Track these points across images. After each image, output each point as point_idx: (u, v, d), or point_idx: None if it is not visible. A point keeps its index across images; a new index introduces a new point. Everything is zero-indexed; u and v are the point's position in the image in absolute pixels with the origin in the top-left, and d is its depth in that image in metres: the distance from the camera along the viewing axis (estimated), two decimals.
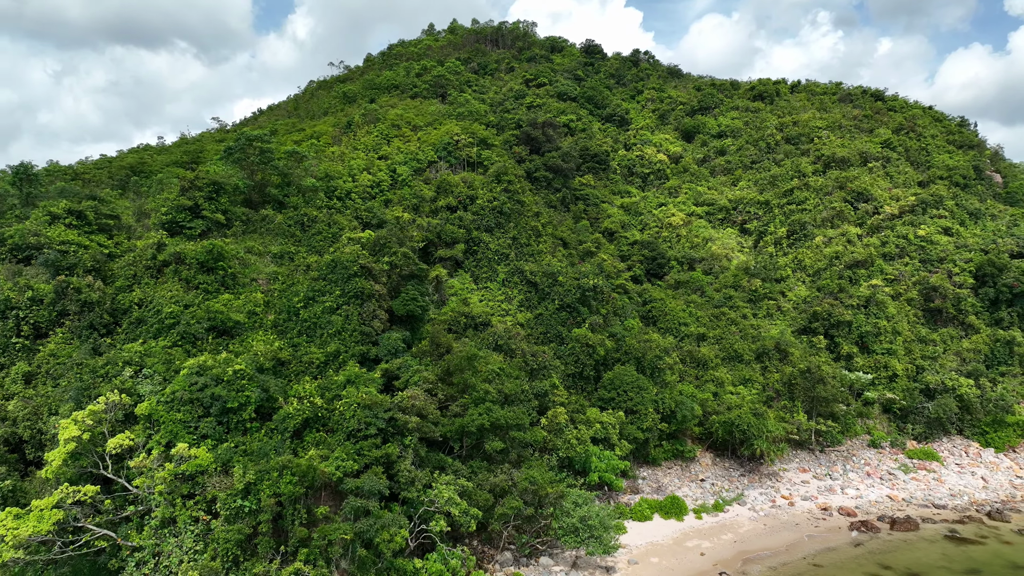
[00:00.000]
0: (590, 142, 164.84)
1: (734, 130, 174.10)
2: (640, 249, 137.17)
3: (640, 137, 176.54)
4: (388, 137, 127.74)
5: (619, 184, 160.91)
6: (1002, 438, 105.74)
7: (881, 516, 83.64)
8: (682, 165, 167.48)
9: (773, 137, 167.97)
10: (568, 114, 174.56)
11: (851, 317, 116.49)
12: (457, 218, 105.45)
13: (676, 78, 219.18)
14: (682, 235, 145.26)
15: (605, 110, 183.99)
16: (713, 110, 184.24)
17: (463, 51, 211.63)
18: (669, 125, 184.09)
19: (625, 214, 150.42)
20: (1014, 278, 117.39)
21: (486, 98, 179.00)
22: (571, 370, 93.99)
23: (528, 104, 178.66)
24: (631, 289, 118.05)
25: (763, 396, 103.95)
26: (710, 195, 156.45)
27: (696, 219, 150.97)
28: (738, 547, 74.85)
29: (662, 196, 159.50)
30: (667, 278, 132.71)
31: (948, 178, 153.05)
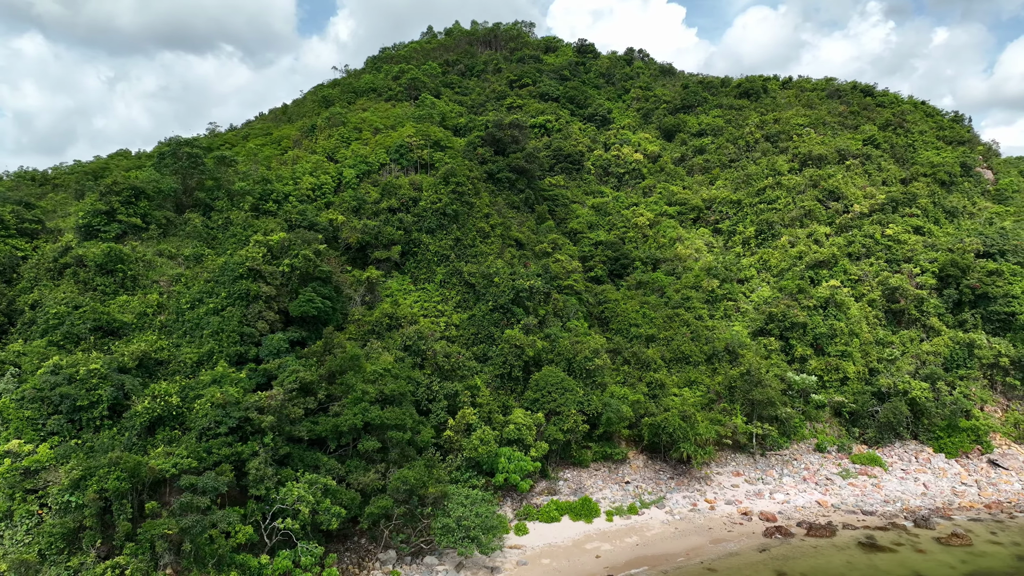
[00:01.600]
0: (565, 142, 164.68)
1: (715, 128, 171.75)
2: (603, 250, 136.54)
3: (620, 136, 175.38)
4: (348, 140, 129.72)
5: (592, 184, 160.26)
6: (955, 443, 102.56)
7: (801, 522, 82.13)
8: (659, 164, 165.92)
9: (753, 135, 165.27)
10: (547, 114, 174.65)
11: (806, 319, 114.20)
12: (397, 220, 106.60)
13: (669, 76, 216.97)
14: (649, 235, 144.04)
15: (587, 110, 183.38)
16: (695, 108, 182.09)
17: (453, 53, 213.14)
18: (652, 124, 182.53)
19: (595, 214, 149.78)
20: (977, 279, 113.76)
21: (468, 100, 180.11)
22: (499, 371, 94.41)
23: (508, 105, 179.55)
24: (583, 290, 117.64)
25: (706, 399, 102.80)
26: (683, 195, 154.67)
27: (666, 219, 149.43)
28: (639, 551, 74.36)
29: (636, 196, 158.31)
30: (628, 279, 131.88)
31: (932, 175, 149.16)
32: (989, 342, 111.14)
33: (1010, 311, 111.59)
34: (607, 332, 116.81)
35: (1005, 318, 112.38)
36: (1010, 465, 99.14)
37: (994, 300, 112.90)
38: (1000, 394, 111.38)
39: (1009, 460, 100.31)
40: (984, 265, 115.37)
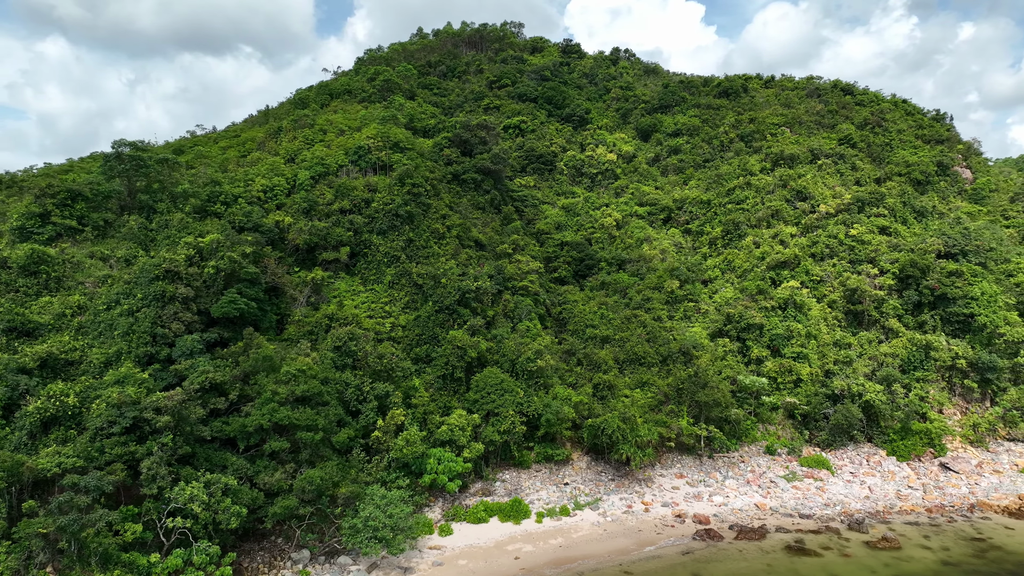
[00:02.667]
0: (538, 143, 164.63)
1: (691, 128, 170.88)
2: (568, 250, 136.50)
3: (597, 137, 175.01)
4: (312, 142, 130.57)
5: (564, 185, 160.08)
6: (907, 446, 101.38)
7: (734, 525, 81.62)
8: (633, 165, 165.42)
9: (727, 135, 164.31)
10: (523, 115, 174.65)
11: (763, 320, 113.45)
12: (348, 221, 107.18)
13: (653, 76, 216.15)
14: (616, 236, 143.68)
15: (565, 110, 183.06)
16: (673, 108, 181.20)
17: (437, 54, 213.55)
18: (630, 124, 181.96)
19: (564, 215, 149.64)
20: (936, 280, 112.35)
21: (445, 101, 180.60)
22: (441, 372, 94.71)
23: (485, 106, 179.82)
24: (540, 290, 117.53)
25: (656, 400, 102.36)
26: (654, 195, 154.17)
27: (636, 219, 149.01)
28: (561, 552, 74.29)
29: (607, 196, 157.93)
30: (590, 279, 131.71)
31: (906, 174, 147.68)
32: (948, 344, 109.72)
33: (969, 312, 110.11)
34: (563, 333, 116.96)
35: (964, 319, 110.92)
36: (960, 469, 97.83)
37: (953, 301, 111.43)
38: (959, 396, 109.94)
39: (960, 464, 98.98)
40: (944, 266, 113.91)
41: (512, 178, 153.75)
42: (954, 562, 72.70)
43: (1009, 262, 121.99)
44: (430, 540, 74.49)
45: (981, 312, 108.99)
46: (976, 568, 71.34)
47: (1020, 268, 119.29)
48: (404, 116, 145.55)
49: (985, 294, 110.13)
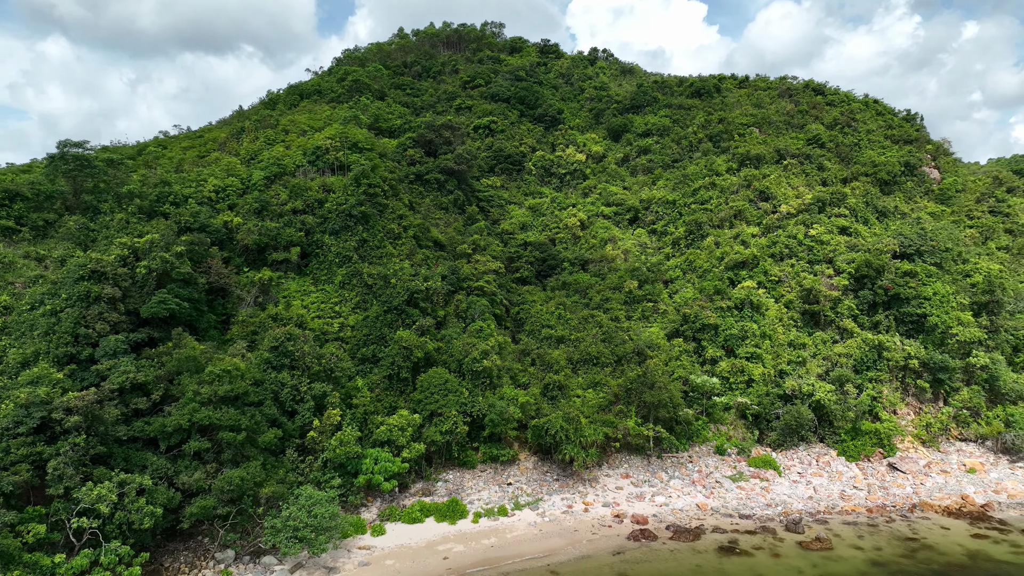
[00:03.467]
0: (507, 143, 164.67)
1: (661, 128, 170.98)
2: (531, 250, 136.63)
3: (568, 137, 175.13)
4: (273, 142, 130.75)
5: (532, 185, 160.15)
6: (857, 447, 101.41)
7: (671, 525, 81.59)
8: (602, 165, 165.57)
9: (696, 135, 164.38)
10: (494, 115, 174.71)
11: (718, 320, 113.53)
12: (300, 221, 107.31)
13: (629, 76, 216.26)
14: (580, 236, 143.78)
15: (537, 110, 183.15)
16: (644, 108, 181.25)
17: (413, 54, 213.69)
18: (602, 125, 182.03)
19: (530, 215, 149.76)
20: (890, 280, 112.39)
21: (418, 101, 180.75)
22: (388, 372, 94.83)
23: (457, 106, 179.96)
24: (496, 290, 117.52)
25: (607, 400, 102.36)
26: (621, 195, 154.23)
27: (601, 219, 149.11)
28: (491, 552, 74.29)
29: (575, 197, 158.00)
30: (551, 279, 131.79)
31: (872, 175, 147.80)
32: (901, 344, 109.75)
33: (921, 313, 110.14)
34: (520, 333, 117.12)
35: (917, 320, 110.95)
36: (908, 469, 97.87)
37: (907, 302, 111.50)
38: (912, 397, 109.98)
39: (908, 464, 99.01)
40: (899, 266, 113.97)
41: (479, 178, 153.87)
42: (882, 562, 72.70)
43: (967, 262, 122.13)
44: (361, 540, 74.54)
45: (933, 312, 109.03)
46: (903, 568, 71.34)
47: (977, 268, 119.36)
48: (368, 116, 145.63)
49: (938, 294, 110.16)
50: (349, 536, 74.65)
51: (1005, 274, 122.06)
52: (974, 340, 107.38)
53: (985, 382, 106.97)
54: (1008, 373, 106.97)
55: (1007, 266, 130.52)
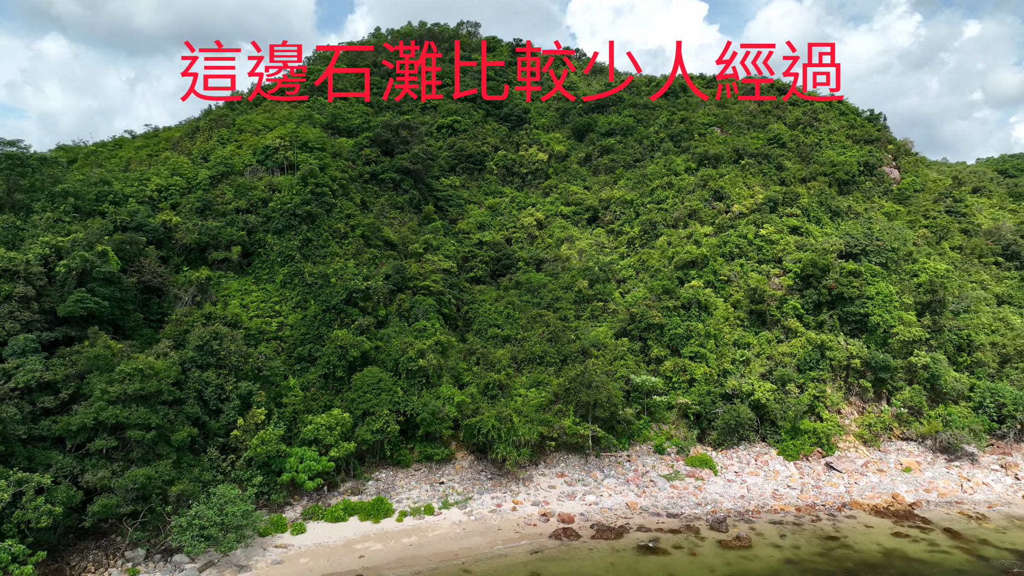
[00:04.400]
0: (469, 143, 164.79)
1: (625, 128, 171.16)
2: (487, 250, 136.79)
3: (533, 136, 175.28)
4: (226, 141, 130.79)
5: (493, 185, 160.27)
6: (796, 446, 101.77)
7: (596, 524, 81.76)
8: (564, 164, 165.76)
9: (658, 135, 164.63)
10: (458, 115, 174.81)
11: (664, 320, 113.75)
12: (242, 220, 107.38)
13: (601, 75, 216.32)
14: (537, 236, 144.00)
15: (503, 110, 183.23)
16: (609, 108, 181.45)
17: (383, 53, 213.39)
18: (568, 124, 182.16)
19: (489, 215, 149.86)
20: (834, 280, 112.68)
21: (384, 100, 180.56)
22: (323, 371, 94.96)
23: (421, 105, 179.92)
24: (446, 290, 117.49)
25: (549, 399, 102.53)
26: (581, 195, 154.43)
27: (559, 219, 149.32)
28: (409, 551, 74.42)
29: (536, 196, 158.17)
30: (503, 279, 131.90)
31: (831, 174, 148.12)
32: (845, 343, 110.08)
33: (864, 312, 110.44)
34: (469, 332, 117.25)
35: (860, 319, 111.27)
36: (844, 468, 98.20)
37: (850, 301, 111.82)
38: (856, 396, 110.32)
39: (845, 463, 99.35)
40: (844, 266, 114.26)
41: (439, 178, 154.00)
42: (796, 560, 73.02)
43: (916, 262, 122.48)
44: (280, 539, 74.64)
45: (875, 312, 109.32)
46: (816, 566, 71.66)
47: (924, 268, 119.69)
48: (325, 116, 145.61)
49: (880, 294, 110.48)
50: (268, 535, 74.85)
51: (952, 274, 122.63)
52: (916, 339, 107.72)
53: (927, 381, 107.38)
54: (950, 372, 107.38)
55: (959, 266, 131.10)
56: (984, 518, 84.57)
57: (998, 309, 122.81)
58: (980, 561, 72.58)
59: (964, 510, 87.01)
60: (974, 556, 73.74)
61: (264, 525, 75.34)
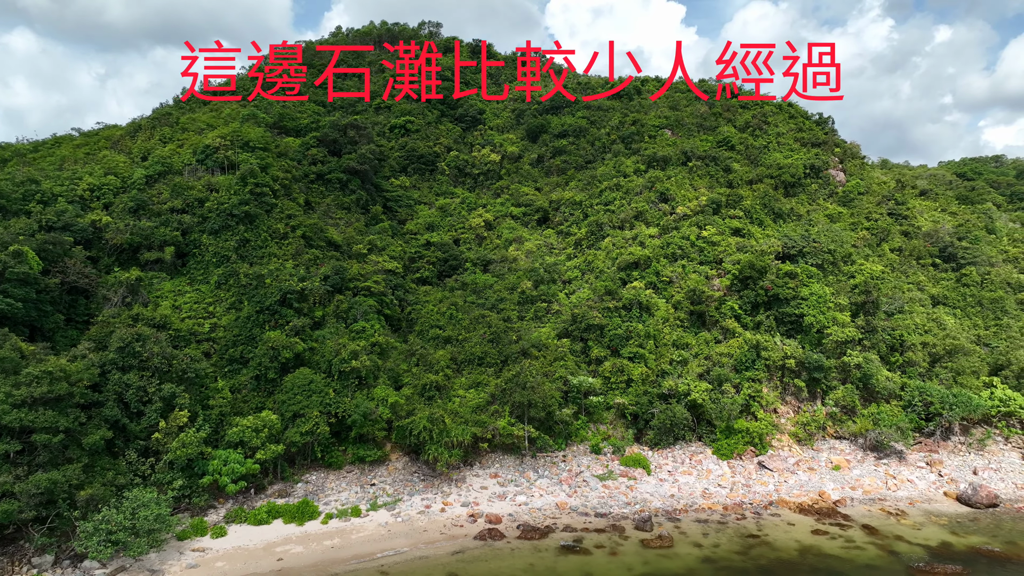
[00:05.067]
0: (421, 143, 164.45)
1: (577, 129, 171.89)
2: (434, 251, 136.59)
3: (487, 137, 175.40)
4: (167, 140, 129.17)
5: (445, 185, 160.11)
6: (730, 445, 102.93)
7: (522, 524, 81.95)
8: (516, 165, 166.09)
9: (609, 136, 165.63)
10: (412, 115, 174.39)
11: (605, 321, 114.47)
12: (177, 221, 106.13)
13: (559, 76, 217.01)
14: (486, 236, 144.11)
15: (458, 110, 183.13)
16: (563, 109, 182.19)
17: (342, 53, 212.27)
18: (523, 125, 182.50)
19: (439, 215, 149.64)
20: (770, 281, 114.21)
21: (340, 100, 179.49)
22: (255, 372, 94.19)
23: (376, 105, 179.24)
24: (388, 291, 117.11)
25: (486, 400, 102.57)
26: (531, 196, 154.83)
27: (509, 220, 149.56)
28: (330, 554, 74.02)
29: (487, 197, 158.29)
30: (449, 280, 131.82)
31: (777, 177, 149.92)
32: (780, 344, 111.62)
33: (799, 313, 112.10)
34: (411, 334, 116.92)
35: (795, 320, 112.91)
36: (775, 467, 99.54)
37: (786, 302, 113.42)
38: (791, 395, 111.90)
39: (776, 462, 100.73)
40: (780, 267, 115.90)
41: (389, 178, 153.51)
42: (714, 559, 73.84)
43: (853, 263, 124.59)
44: (199, 542, 73.89)
45: (809, 313, 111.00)
46: (731, 564, 72.52)
47: (861, 270, 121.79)
48: (272, 115, 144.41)
49: (814, 295, 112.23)
50: (187, 538, 74.12)
51: (888, 275, 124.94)
52: (849, 340, 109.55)
53: (860, 381, 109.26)
54: (882, 372, 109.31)
55: (897, 267, 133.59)
56: (903, 514, 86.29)
57: (933, 310, 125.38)
58: (891, 557, 74.04)
59: (885, 507, 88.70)
60: (886, 552, 75.19)
61: (183, 529, 74.66)
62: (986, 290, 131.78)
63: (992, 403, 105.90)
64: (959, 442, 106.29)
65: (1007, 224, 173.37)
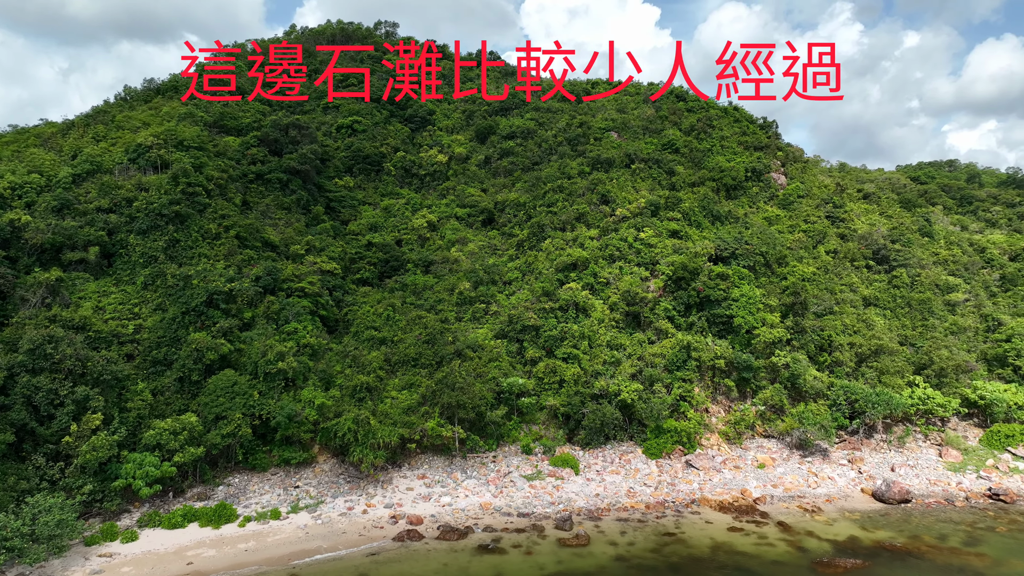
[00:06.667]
0: (367, 144, 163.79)
1: (525, 131, 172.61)
2: (375, 251, 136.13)
3: (436, 138, 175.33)
4: (101, 138, 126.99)
5: (391, 186, 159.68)
6: (659, 444, 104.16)
7: (443, 525, 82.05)
8: (464, 166, 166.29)
9: (556, 138, 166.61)
10: (360, 115, 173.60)
11: (540, 322, 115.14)
12: (103, 220, 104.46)
13: (511, 79, 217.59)
14: (428, 237, 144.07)
15: (407, 111, 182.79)
16: (512, 111, 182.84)
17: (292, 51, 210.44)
18: (472, 126, 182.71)
19: (384, 216, 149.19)
20: (702, 282, 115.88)
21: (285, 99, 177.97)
22: (179, 375, 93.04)
23: (324, 105, 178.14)
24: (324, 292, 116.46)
25: (418, 401, 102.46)
26: (476, 197, 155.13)
27: (454, 221, 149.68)
28: (243, 557, 73.40)
29: (433, 198, 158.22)
30: (389, 281, 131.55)
31: (719, 179, 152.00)
32: (712, 344, 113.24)
33: (730, 314, 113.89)
34: (347, 335, 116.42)
35: (726, 320, 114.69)
36: (702, 465, 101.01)
37: (717, 303, 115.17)
38: (722, 395, 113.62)
39: (703, 460, 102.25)
40: (712, 269, 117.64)
41: (334, 178, 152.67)
42: (627, 557, 74.71)
43: (787, 265, 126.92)
44: (107, 547, 72.76)
45: (739, 314, 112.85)
46: (644, 562, 73.46)
47: (793, 272, 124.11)
48: (212, 114, 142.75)
49: (744, 296, 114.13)
50: (95, 543, 73.03)
51: (820, 277, 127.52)
52: (778, 340, 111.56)
53: (788, 380, 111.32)
54: (810, 371, 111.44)
55: (831, 269, 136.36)
56: (819, 511, 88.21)
57: (864, 311, 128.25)
58: (800, 552, 75.63)
59: (803, 504, 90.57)
60: (796, 548, 76.81)
61: (92, 534, 73.59)
62: (915, 291, 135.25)
63: (913, 402, 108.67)
64: (881, 440, 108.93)
65: (946, 227, 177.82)
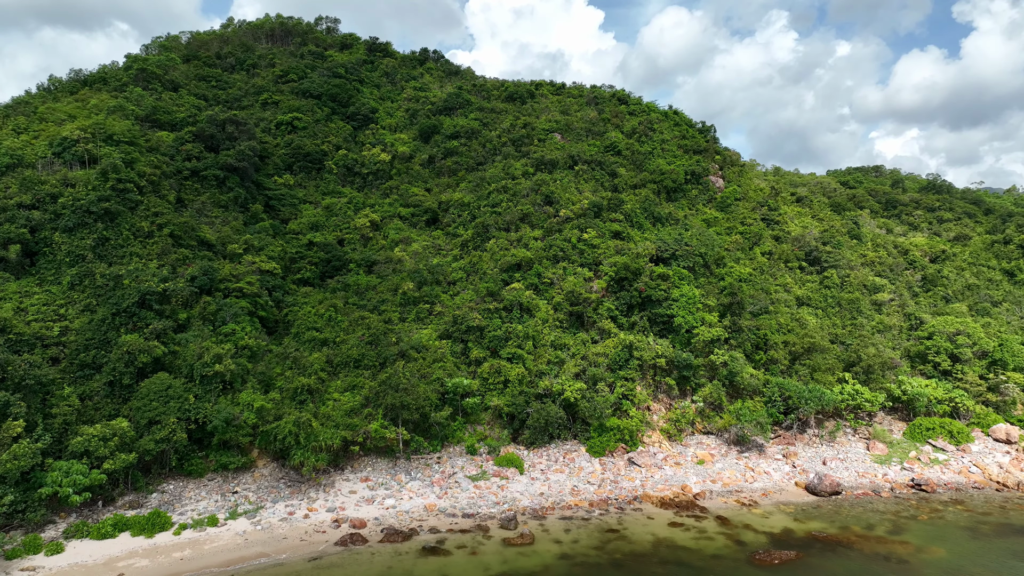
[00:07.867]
0: (307, 141, 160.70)
1: (470, 131, 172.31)
2: (316, 251, 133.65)
3: (379, 136, 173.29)
4: (21, 131, 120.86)
5: (332, 184, 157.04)
6: (602, 443, 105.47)
7: (387, 528, 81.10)
8: (407, 166, 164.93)
9: (501, 139, 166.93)
10: (300, 112, 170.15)
11: (485, 322, 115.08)
12: (25, 217, 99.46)
13: (456, 77, 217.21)
14: (371, 237, 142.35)
15: (350, 108, 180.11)
16: (457, 111, 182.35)
17: (230, 45, 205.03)
18: (416, 125, 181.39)
19: (325, 215, 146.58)
20: (644, 283, 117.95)
21: (223, 94, 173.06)
22: (109, 378, 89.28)
23: (263, 101, 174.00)
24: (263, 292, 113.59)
25: (361, 403, 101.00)
26: (420, 196, 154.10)
27: (397, 220, 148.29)
28: (179, 566, 70.90)
29: (376, 197, 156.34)
30: (331, 282, 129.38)
31: (659, 182, 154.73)
32: (653, 343, 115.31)
33: (670, 314, 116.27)
34: (287, 336, 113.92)
35: (667, 320, 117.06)
36: (644, 462, 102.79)
37: (658, 303, 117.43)
38: (664, 393, 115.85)
39: (645, 458, 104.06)
40: (653, 269, 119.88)
41: (273, 176, 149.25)
42: (571, 555, 75.36)
43: (725, 266, 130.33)
44: (29, 561, 69.32)
45: (679, 313, 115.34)
46: (587, 559, 74.24)
47: (730, 272, 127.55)
48: (144, 108, 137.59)
49: (685, 296, 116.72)
50: (16, 557, 69.49)
51: (756, 277, 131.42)
52: (716, 339, 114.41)
53: (726, 378, 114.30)
54: (747, 369, 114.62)
55: (766, 270, 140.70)
56: (756, 504, 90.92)
57: (797, 310, 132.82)
58: (737, 546, 77.77)
59: (741, 498, 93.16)
60: (734, 541, 78.94)
61: (14, 547, 69.97)
62: (845, 291, 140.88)
63: (843, 397, 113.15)
64: (814, 434, 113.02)
65: (873, 230, 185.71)
